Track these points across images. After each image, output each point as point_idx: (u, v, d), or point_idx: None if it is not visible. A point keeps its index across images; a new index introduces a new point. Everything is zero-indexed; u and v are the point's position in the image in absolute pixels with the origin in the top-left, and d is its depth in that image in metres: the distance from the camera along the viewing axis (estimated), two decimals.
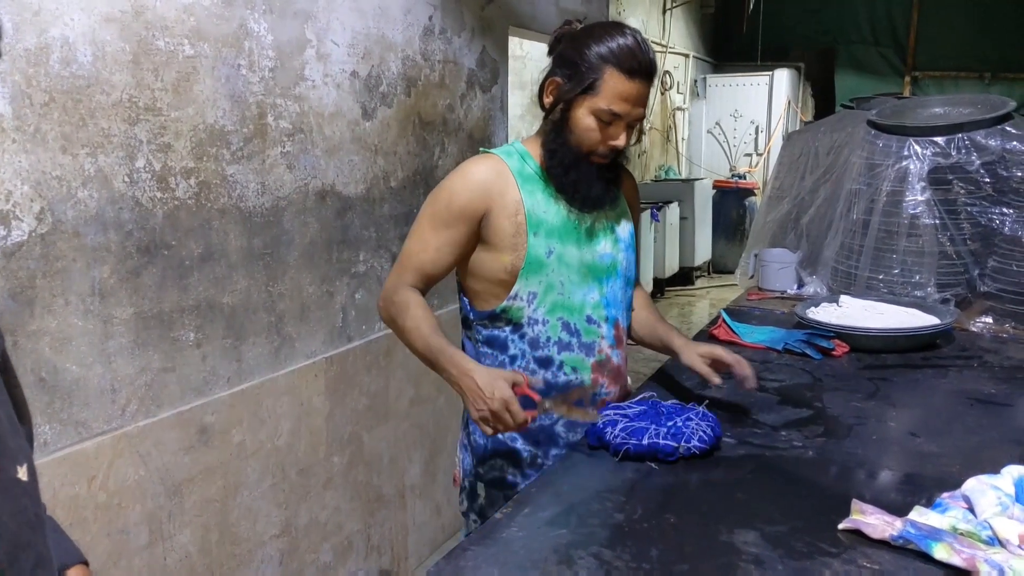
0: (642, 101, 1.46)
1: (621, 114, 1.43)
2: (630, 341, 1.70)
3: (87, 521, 1.74)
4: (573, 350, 1.54)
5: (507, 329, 1.53)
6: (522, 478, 1.56)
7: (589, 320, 1.55)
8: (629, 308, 1.67)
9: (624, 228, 1.62)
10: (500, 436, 1.55)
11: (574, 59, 1.45)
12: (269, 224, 2.17)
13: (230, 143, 2.02)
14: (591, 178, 1.49)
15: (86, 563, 0.99)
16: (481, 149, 1.57)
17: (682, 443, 1.34)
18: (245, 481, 2.14)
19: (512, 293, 1.50)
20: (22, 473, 0.73)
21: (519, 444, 1.56)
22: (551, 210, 1.51)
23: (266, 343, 2.19)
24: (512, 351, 1.54)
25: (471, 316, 1.58)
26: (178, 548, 1.95)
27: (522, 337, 1.53)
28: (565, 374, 1.55)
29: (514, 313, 1.52)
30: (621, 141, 1.46)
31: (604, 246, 1.57)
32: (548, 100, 1.51)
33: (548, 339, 1.53)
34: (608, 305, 1.58)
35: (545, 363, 1.54)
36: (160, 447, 1.89)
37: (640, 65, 1.43)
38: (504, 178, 1.50)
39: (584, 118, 1.45)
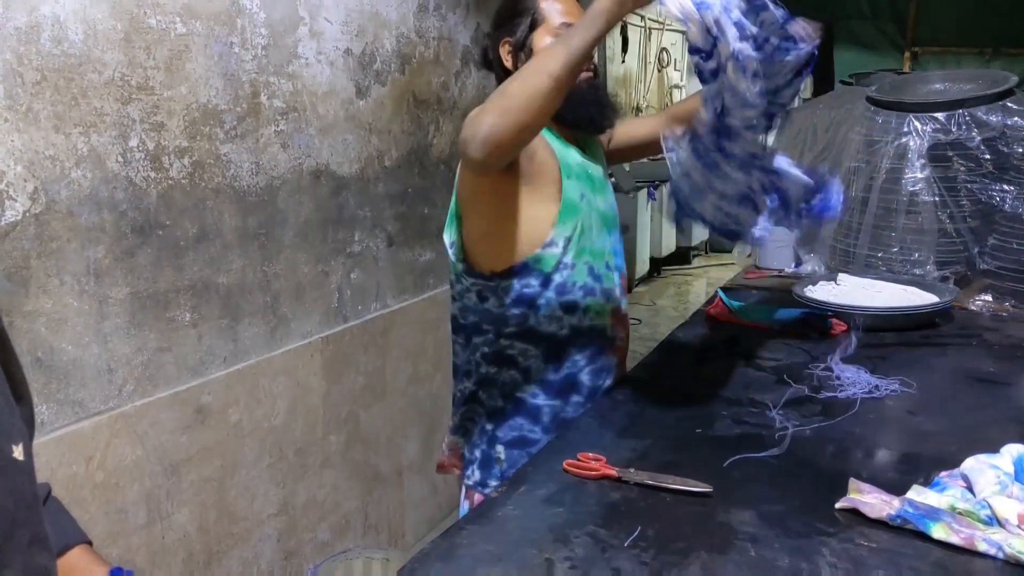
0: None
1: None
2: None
3: (86, 500, 1.74)
4: (596, 295, 1.56)
5: (534, 283, 1.50)
6: (544, 434, 1.54)
7: (607, 266, 1.59)
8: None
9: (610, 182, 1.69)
10: (519, 394, 1.55)
11: (508, 16, 1.55)
12: (263, 204, 2.16)
13: (223, 122, 2.01)
14: (584, 99, 1.51)
15: (89, 543, 0.99)
16: None
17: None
18: (242, 460, 2.14)
19: (548, 240, 1.49)
20: (18, 452, 0.73)
21: (540, 400, 1.55)
22: (569, 155, 1.54)
23: (262, 323, 2.19)
24: (538, 301, 1.52)
25: (487, 281, 1.52)
26: (176, 527, 1.96)
27: (547, 285, 1.51)
28: (589, 319, 1.56)
29: (546, 262, 1.50)
30: None
31: (608, 196, 1.63)
32: (509, 61, 1.55)
33: (575, 283, 1.53)
34: (616, 254, 1.62)
35: (571, 308, 1.54)
36: (157, 427, 1.89)
37: None
38: None
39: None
